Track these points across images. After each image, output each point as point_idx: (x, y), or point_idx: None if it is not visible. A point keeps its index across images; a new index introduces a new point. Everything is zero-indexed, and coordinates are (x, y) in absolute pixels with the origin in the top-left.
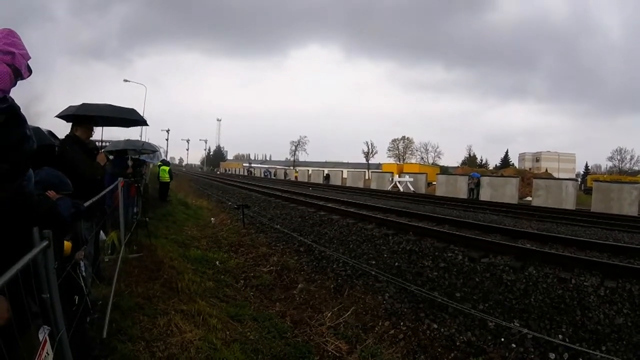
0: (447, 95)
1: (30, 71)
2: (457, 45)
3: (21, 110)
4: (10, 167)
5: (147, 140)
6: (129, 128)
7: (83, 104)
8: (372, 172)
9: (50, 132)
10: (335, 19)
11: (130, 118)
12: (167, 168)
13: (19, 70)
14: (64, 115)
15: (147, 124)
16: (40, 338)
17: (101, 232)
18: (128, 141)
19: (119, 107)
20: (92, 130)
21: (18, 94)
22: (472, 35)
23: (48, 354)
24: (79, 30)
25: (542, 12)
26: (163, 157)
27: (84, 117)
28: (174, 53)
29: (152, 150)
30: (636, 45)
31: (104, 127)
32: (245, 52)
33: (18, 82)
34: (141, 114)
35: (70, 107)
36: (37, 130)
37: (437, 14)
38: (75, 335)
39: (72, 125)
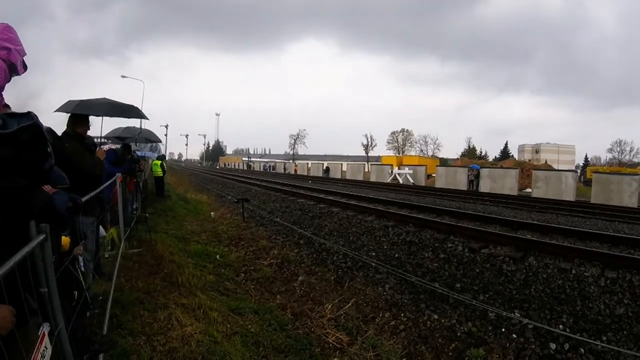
0: (444, 89)
1: (25, 67)
2: (450, 39)
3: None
4: (29, 182)
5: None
6: (128, 119)
7: (81, 101)
8: (371, 164)
9: (49, 129)
10: (329, 13)
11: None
12: (158, 162)
13: (15, 66)
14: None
15: (146, 118)
16: (39, 333)
17: (100, 227)
18: (127, 128)
19: (118, 103)
20: (89, 125)
21: (16, 90)
22: (464, 29)
23: (46, 348)
24: (78, 28)
25: (534, 5)
26: (162, 151)
27: (83, 114)
28: (171, 49)
29: (151, 139)
30: (631, 36)
31: (103, 121)
32: (242, 47)
33: (15, 78)
34: (140, 109)
35: (69, 101)
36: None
37: (429, 7)
38: (74, 330)
39: (71, 122)
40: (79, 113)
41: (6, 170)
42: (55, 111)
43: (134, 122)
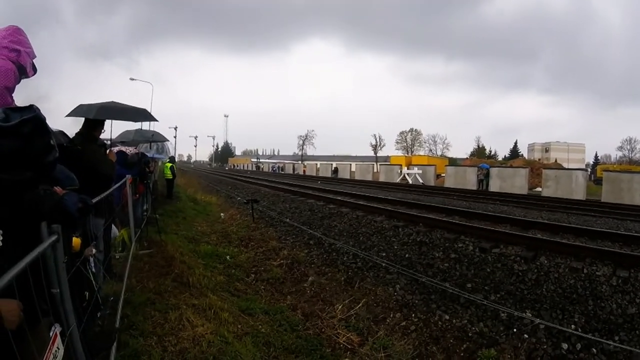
0: (451, 88)
1: (35, 70)
2: (455, 38)
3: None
4: (33, 175)
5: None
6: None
7: (101, 106)
8: (380, 164)
9: (61, 132)
10: (333, 13)
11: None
12: (169, 165)
13: (24, 68)
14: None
15: (156, 120)
16: (51, 335)
17: (113, 227)
18: (138, 131)
19: (131, 107)
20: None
21: (26, 92)
22: (470, 28)
23: (58, 349)
24: (87, 31)
25: (539, 2)
26: (172, 152)
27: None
28: (179, 52)
29: (161, 140)
30: (638, 31)
31: (112, 123)
32: (249, 49)
33: (25, 80)
34: (149, 112)
35: (80, 105)
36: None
37: (433, 6)
38: (85, 331)
39: (88, 125)
40: (102, 118)
41: (10, 163)
42: (67, 115)
43: (139, 125)
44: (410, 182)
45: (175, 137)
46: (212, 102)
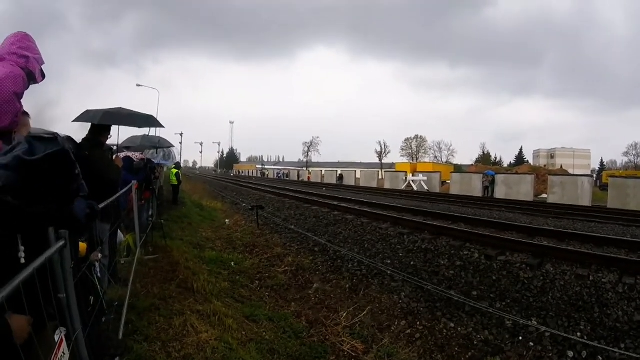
0: (455, 94)
1: (43, 76)
2: (460, 43)
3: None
4: (57, 206)
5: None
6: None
7: (106, 112)
8: (385, 171)
9: (68, 138)
10: (338, 21)
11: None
12: (174, 171)
13: (33, 74)
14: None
15: (162, 126)
16: (57, 339)
17: (119, 232)
18: (144, 137)
19: (138, 113)
20: (111, 135)
21: (34, 98)
22: (474, 33)
23: (64, 354)
24: (94, 38)
25: (543, 7)
26: (177, 158)
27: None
28: (185, 58)
29: (167, 146)
30: None
31: (119, 129)
32: (254, 56)
33: (33, 86)
34: (156, 118)
35: (87, 111)
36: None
37: (437, 11)
38: (91, 335)
39: (94, 130)
40: (107, 124)
41: (35, 196)
42: (74, 121)
43: (146, 131)
44: (416, 189)
45: (181, 143)
46: (218, 109)
